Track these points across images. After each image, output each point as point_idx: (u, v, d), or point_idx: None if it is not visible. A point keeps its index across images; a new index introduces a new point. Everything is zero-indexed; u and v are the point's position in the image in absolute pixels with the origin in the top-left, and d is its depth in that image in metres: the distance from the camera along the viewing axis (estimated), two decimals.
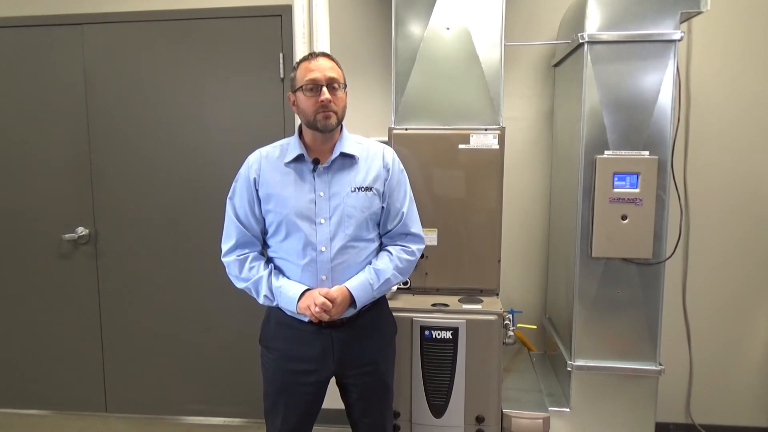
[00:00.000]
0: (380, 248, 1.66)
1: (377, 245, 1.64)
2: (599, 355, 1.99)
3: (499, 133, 2.00)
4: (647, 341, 1.96)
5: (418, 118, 2.05)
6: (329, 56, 1.58)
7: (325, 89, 1.50)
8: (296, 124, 1.91)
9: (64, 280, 2.77)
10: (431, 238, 2.03)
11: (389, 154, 1.66)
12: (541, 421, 1.94)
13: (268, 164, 1.59)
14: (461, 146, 2.01)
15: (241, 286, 1.60)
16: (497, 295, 2.07)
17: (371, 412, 1.70)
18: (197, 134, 2.63)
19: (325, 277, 1.55)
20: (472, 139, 2.00)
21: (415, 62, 2.03)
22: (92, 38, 2.62)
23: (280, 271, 1.61)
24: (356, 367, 1.63)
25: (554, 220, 2.43)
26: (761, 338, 2.44)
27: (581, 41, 1.88)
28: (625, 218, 1.90)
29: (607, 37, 1.87)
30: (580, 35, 1.89)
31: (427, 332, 1.88)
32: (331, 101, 1.51)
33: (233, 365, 2.72)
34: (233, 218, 1.60)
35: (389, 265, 1.60)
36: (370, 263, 1.60)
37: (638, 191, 1.88)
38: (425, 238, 1.71)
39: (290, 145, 1.61)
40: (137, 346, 2.77)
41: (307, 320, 1.56)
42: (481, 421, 1.89)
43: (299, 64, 1.57)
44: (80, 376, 2.83)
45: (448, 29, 2.02)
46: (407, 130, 2.04)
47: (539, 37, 2.40)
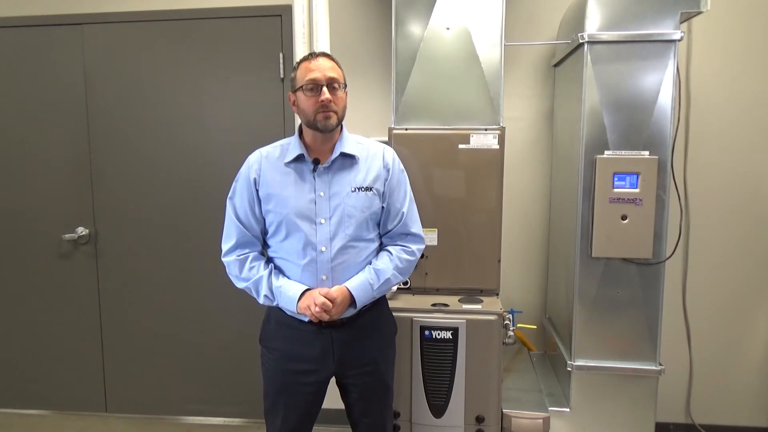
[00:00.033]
0: (380, 248, 1.66)
1: (377, 245, 1.64)
2: (599, 355, 1.99)
3: (499, 133, 2.00)
4: (647, 341, 1.96)
5: (418, 118, 2.05)
6: (329, 56, 1.58)
7: (325, 89, 1.50)
8: (296, 124, 1.91)
9: (64, 280, 2.77)
10: (431, 238, 2.03)
11: (389, 154, 1.66)
12: (541, 421, 1.94)
13: (268, 164, 1.59)
14: (461, 146, 2.01)
15: (241, 286, 1.60)
16: (497, 295, 2.07)
17: (371, 412, 1.70)
18: (197, 134, 2.63)
19: (325, 277, 1.55)
20: (472, 139, 2.00)
21: (415, 62, 2.03)
22: (92, 38, 2.62)
23: (280, 271, 1.61)
24: (356, 367, 1.63)
25: (554, 220, 2.43)
26: (761, 338, 2.44)
27: (581, 41, 1.88)
28: (625, 218, 1.90)
29: (607, 37, 1.87)
30: (580, 35, 1.89)
31: (427, 332, 1.88)
32: (331, 101, 1.51)
33: (233, 365, 2.72)
34: (233, 218, 1.60)
35: (389, 265, 1.60)
36: (370, 263, 1.60)
37: (638, 191, 1.88)
38: (425, 238, 1.71)
39: (290, 145, 1.61)
40: (137, 346, 2.77)
41: (307, 320, 1.56)
42: (481, 421, 1.89)
43: (299, 64, 1.57)
44: (80, 376, 2.83)
45: (448, 29, 2.02)
46: (407, 130, 2.04)
47: (539, 37, 2.40)
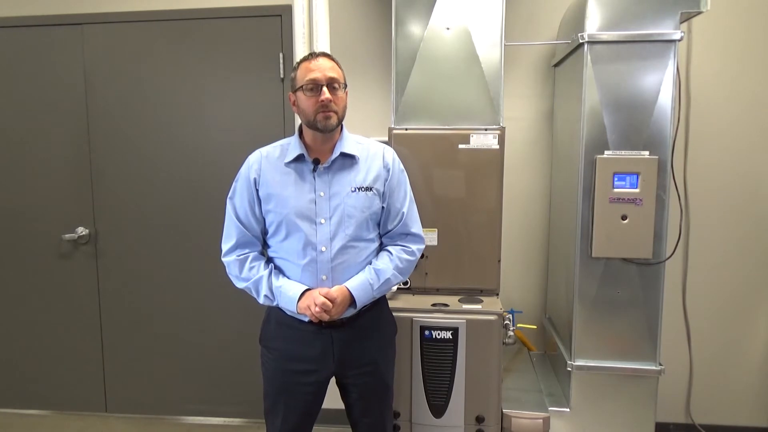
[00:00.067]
0: (380, 248, 1.66)
1: (377, 245, 1.64)
2: (599, 355, 1.99)
3: (499, 133, 2.00)
4: (647, 341, 1.96)
5: (418, 118, 2.05)
6: (329, 56, 1.58)
7: (325, 89, 1.50)
8: (296, 124, 1.91)
9: (64, 280, 2.77)
10: (431, 238, 2.03)
11: (389, 154, 1.66)
12: (541, 421, 1.94)
13: (268, 164, 1.59)
14: (461, 146, 2.01)
15: (241, 286, 1.60)
16: (497, 295, 2.07)
17: (371, 412, 1.70)
18: (197, 134, 2.63)
19: (325, 277, 1.55)
20: (472, 139, 2.00)
21: (415, 62, 2.03)
22: (92, 38, 2.62)
23: (280, 271, 1.61)
24: (356, 367, 1.63)
25: (554, 220, 2.43)
26: (761, 338, 2.44)
27: (581, 41, 1.88)
28: (625, 218, 1.90)
29: (607, 37, 1.87)
30: (580, 35, 1.89)
31: (427, 332, 1.88)
32: (331, 101, 1.51)
33: (233, 365, 2.72)
34: (233, 218, 1.60)
35: (389, 265, 1.60)
36: (370, 263, 1.60)
37: (638, 191, 1.88)
38: (425, 238, 1.71)
39: (290, 145, 1.61)
40: (137, 346, 2.77)
41: (307, 320, 1.56)
42: (481, 421, 1.89)
43: (299, 64, 1.57)
44: (80, 376, 2.83)
45: (448, 29, 2.02)
46: (407, 130, 2.04)
47: (539, 37, 2.40)
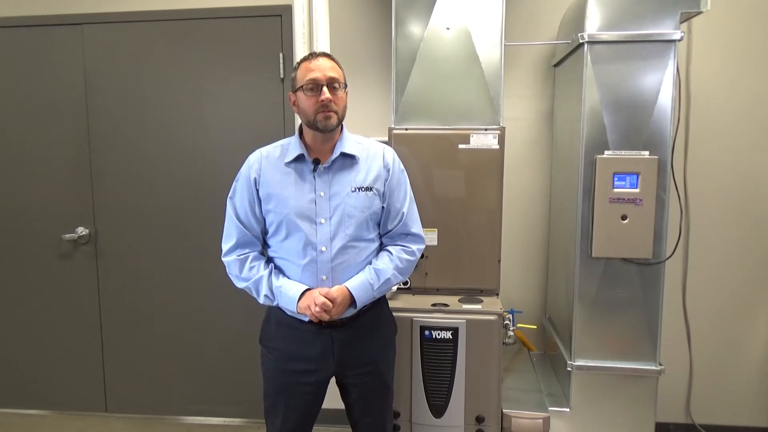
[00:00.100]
0: (380, 248, 1.66)
1: (377, 245, 1.64)
2: (599, 355, 1.99)
3: (499, 133, 2.00)
4: (647, 341, 1.96)
5: (418, 118, 2.05)
6: (330, 56, 1.58)
7: (325, 89, 1.50)
8: (296, 124, 1.91)
9: (64, 280, 2.77)
10: (431, 238, 2.03)
11: (389, 154, 1.66)
12: (541, 421, 1.94)
13: (268, 164, 1.59)
14: (461, 146, 2.01)
15: (241, 285, 1.60)
16: (497, 295, 2.07)
17: (371, 412, 1.70)
18: (197, 134, 2.63)
19: (325, 277, 1.55)
20: (472, 139, 2.00)
21: (415, 62, 2.03)
22: (92, 38, 2.62)
23: (280, 270, 1.61)
24: (356, 367, 1.63)
25: (554, 220, 2.43)
26: (761, 338, 2.44)
27: (581, 41, 1.88)
28: (625, 218, 1.90)
29: (607, 37, 1.87)
30: (580, 35, 1.89)
31: (427, 332, 1.88)
32: (331, 101, 1.51)
33: (233, 365, 2.72)
34: (234, 218, 1.60)
35: (389, 265, 1.60)
36: (370, 263, 1.60)
37: (638, 191, 1.88)
38: (425, 238, 1.71)
39: (291, 145, 1.61)
40: (137, 346, 2.77)
41: (307, 320, 1.56)
42: (481, 421, 1.89)
43: (300, 64, 1.57)
44: (80, 376, 2.83)
45: (448, 29, 2.02)
46: (407, 130, 2.04)
47: (539, 37, 2.40)
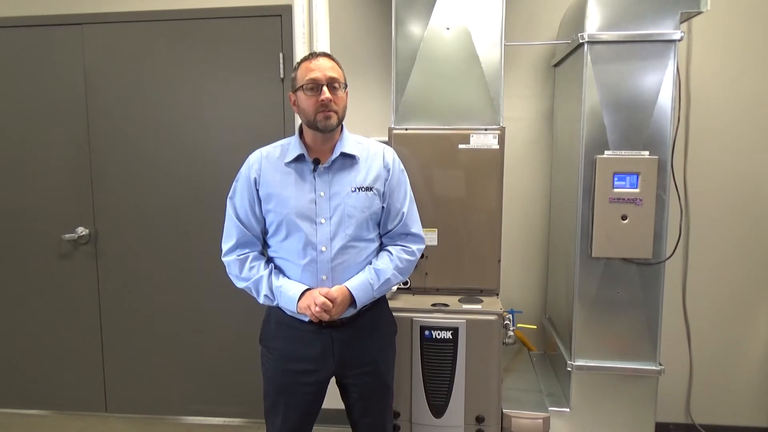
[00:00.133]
0: (380, 248, 1.66)
1: (377, 245, 1.64)
2: (599, 355, 1.99)
3: (499, 133, 2.00)
4: (647, 341, 1.96)
5: (418, 118, 2.05)
6: (330, 56, 1.58)
7: (325, 89, 1.50)
8: (296, 124, 1.91)
9: (64, 280, 2.77)
10: (431, 238, 2.03)
11: (389, 154, 1.66)
12: (541, 421, 1.94)
13: (268, 164, 1.59)
14: (461, 146, 2.01)
15: (241, 285, 1.60)
16: (497, 295, 2.07)
17: (371, 412, 1.70)
18: (197, 134, 2.63)
19: (325, 276, 1.55)
20: (472, 139, 2.00)
21: (415, 62, 2.03)
22: (92, 38, 2.62)
23: (280, 270, 1.61)
24: (356, 367, 1.63)
25: (554, 220, 2.43)
26: (761, 338, 2.44)
27: (581, 41, 1.88)
28: (625, 218, 1.90)
29: (607, 37, 1.87)
30: (580, 35, 1.89)
31: (427, 332, 1.88)
32: (331, 101, 1.51)
33: (233, 365, 2.72)
34: (234, 218, 1.60)
35: (389, 265, 1.60)
36: (370, 263, 1.60)
37: (638, 191, 1.88)
38: (425, 238, 1.71)
39: (291, 145, 1.61)
40: (137, 346, 2.77)
41: (307, 320, 1.56)
42: (481, 421, 1.89)
43: (300, 63, 1.57)
44: (80, 376, 2.82)
45: (448, 29, 2.02)
46: (407, 130, 2.04)
47: (539, 37, 2.40)
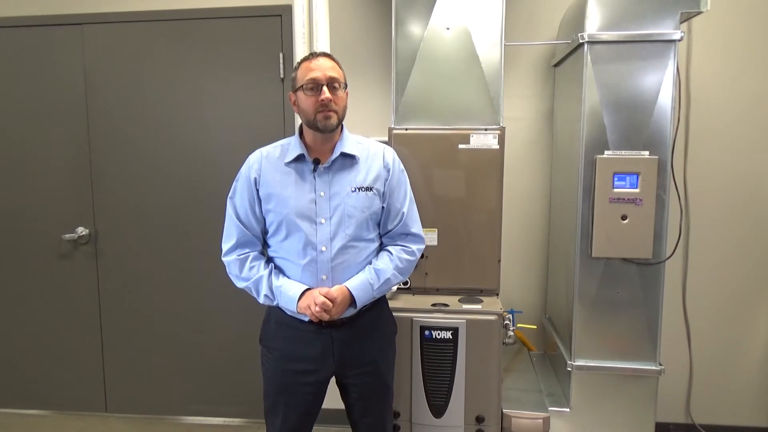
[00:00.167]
0: (380, 248, 1.66)
1: (377, 245, 1.64)
2: (599, 355, 1.99)
3: (499, 133, 2.00)
4: (647, 341, 1.96)
5: (418, 118, 2.05)
6: (330, 56, 1.58)
7: (325, 89, 1.51)
8: (296, 124, 1.91)
9: (64, 280, 2.77)
10: (431, 238, 2.03)
11: (389, 154, 1.66)
12: (541, 421, 1.94)
13: (268, 164, 1.59)
14: (461, 146, 2.01)
15: (241, 285, 1.60)
16: (497, 295, 2.07)
17: (371, 412, 1.70)
18: (197, 134, 2.63)
19: (325, 276, 1.55)
20: (472, 139, 2.00)
21: (415, 62, 2.03)
22: (92, 38, 2.62)
23: (280, 270, 1.61)
24: (356, 367, 1.63)
25: (554, 220, 2.43)
26: (761, 338, 2.44)
27: (581, 41, 1.88)
28: (625, 218, 1.90)
29: (607, 37, 1.87)
30: (580, 35, 1.89)
31: (427, 332, 1.88)
32: (331, 100, 1.51)
33: (233, 365, 2.72)
34: (234, 218, 1.60)
35: (389, 265, 1.60)
36: (370, 263, 1.60)
37: (638, 191, 1.88)
38: (425, 238, 1.71)
39: (291, 145, 1.61)
40: (137, 346, 2.77)
41: (307, 320, 1.56)
42: (481, 421, 1.89)
43: (300, 63, 1.57)
44: (80, 376, 2.82)
45: (448, 29, 2.02)
46: (407, 130, 2.04)
47: (539, 37, 2.40)
